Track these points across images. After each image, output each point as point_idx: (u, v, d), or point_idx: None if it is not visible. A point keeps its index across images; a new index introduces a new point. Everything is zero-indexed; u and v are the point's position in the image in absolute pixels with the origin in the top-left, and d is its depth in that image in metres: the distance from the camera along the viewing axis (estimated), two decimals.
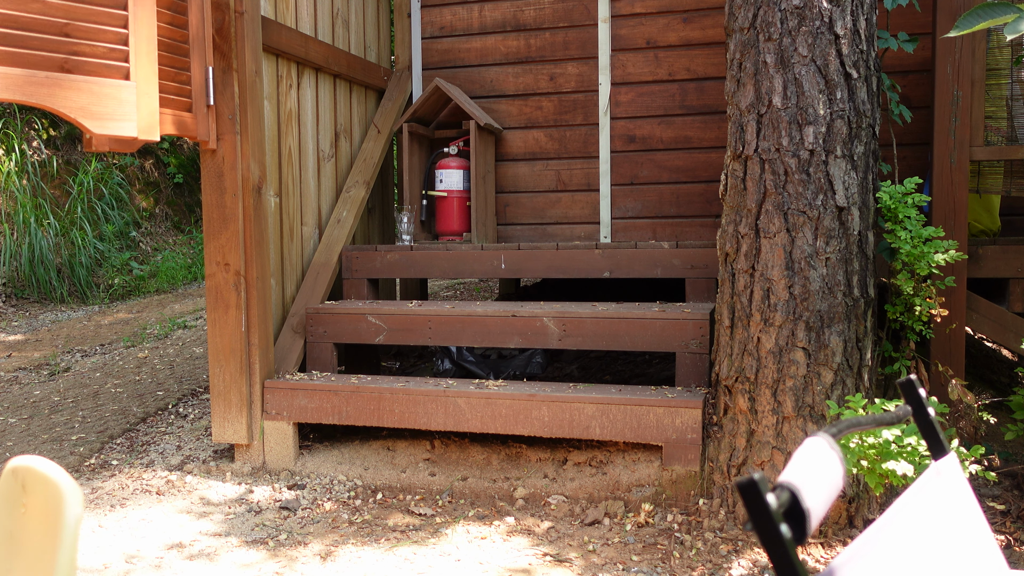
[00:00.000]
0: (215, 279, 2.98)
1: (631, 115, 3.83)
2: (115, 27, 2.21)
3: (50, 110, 2.10)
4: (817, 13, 2.35)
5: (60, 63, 2.10)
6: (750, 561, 2.32)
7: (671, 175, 3.79)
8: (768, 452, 2.44)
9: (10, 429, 3.60)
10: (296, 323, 3.31)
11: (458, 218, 3.87)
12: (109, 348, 4.97)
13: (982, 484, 2.61)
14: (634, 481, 2.70)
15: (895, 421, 1.07)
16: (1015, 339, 2.82)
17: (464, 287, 6.28)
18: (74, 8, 2.13)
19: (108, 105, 2.20)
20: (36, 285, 6.31)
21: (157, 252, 7.37)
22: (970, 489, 1.10)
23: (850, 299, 2.41)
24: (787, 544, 0.75)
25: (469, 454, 2.96)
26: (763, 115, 2.40)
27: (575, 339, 2.99)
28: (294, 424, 3.04)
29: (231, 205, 2.93)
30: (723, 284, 2.58)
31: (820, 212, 2.37)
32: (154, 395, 3.88)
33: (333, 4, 3.75)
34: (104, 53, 2.20)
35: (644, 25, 3.79)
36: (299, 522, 2.68)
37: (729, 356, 2.53)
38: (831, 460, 0.87)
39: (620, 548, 2.43)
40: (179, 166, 8.14)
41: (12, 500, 0.98)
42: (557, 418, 2.75)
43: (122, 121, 2.23)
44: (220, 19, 2.88)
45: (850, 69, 2.37)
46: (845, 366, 2.41)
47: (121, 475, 3.04)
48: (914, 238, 2.50)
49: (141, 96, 2.27)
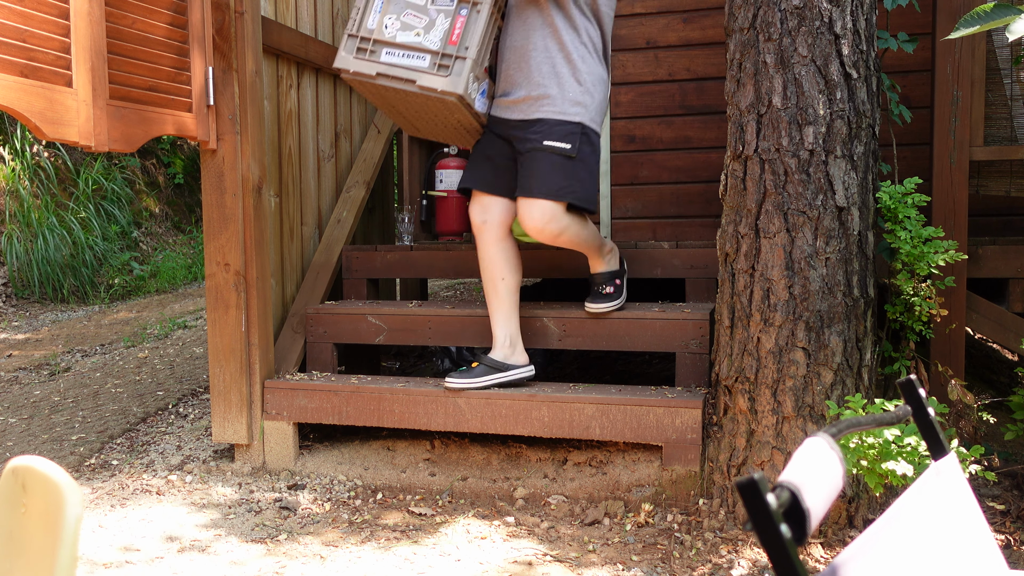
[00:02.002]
0: (215, 279, 2.98)
1: (631, 115, 3.83)
2: (59, 35, 2.26)
3: (12, 113, 2.14)
4: (817, 13, 2.35)
5: (21, 68, 2.15)
6: (750, 561, 2.32)
7: (671, 175, 3.79)
8: (768, 452, 2.44)
9: (10, 429, 3.60)
10: (296, 323, 3.31)
11: (458, 218, 3.87)
12: (109, 348, 4.97)
13: (982, 484, 2.61)
14: (634, 481, 2.70)
15: (895, 421, 1.07)
16: (1015, 339, 2.82)
17: (464, 287, 6.28)
18: (30, 16, 2.17)
19: (58, 111, 2.25)
20: (37, 285, 6.32)
21: (157, 252, 7.37)
22: (970, 489, 1.10)
23: (850, 299, 2.41)
24: (787, 544, 0.75)
25: (469, 454, 2.96)
26: (763, 115, 2.41)
27: (575, 339, 3.00)
28: (294, 424, 3.04)
29: (231, 205, 2.93)
30: (723, 284, 2.58)
31: (820, 212, 2.37)
32: (154, 395, 3.88)
33: (333, 4, 3.75)
34: (53, 60, 2.24)
35: (644, 25, 3.79)
36: (299, 522, 2.68)
37: (729, 356, 2.54)
38: (831, 460, 0.87)
39: (620, 548, 2.43)
40: (180, 166, 8.15)
41: (12, 500, 0.98)
42: (557, 418, 2.75)
43: (68, 127, 2.28)
44: (220, 19, 2.88)
45: (850, 69, 2.38)
46: (845, 366, 2.41)
47: (121, 475, 3.05)
48: (914, 238, 2.50)
49: (80, 103, 2.32)
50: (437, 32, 2.65)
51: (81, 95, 2.33)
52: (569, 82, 2.69)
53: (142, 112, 2.56)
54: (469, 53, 2.63)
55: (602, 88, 2.79)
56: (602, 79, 2.78)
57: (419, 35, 2.65)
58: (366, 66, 2.68)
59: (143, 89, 2.58)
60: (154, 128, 2.62)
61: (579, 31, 2.70)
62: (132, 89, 2.53)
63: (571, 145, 2.68)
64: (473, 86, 2.69)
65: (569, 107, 2.69)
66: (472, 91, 2.69)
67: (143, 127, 2.57)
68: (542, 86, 2.69)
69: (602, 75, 2.78)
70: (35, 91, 2.19)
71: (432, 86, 2.63)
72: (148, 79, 2.60)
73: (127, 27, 2.51)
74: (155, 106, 2.62)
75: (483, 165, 2.85)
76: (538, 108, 2.70)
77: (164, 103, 2.66)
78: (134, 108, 2.53)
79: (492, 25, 2.72)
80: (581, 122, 2.70)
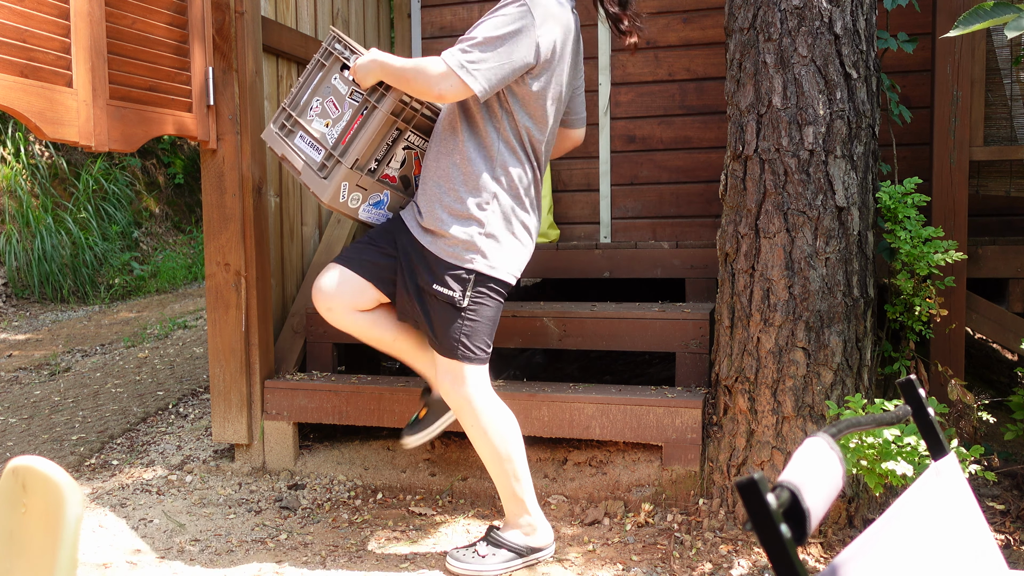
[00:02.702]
0: (215, 279, 2.98)
1: (631, 115, 3.83)
2: (59, 35, 2.26)
3: (12, 113, 2.15)
4: (817, 13, 2.35)
5: (21, 68, 2.16)
6: (750, 561, 2.32)
7: (671, 175, 3.79)
8: (768, 452, 2.44)
9: (10, 429, 3.60)
10: (296, 323, 3.31)
11: None
12: (109, 348, 4.97)
13: (982, 484, 2.61)
14: (634, 481, 2.71)
15: (895, 421, 1.07)
16: (1015, 339, 2.82)
17: None
18: (30, 16, 2.18)
19: (58, 111, 2.25)
20: (37, 285, 6.32)
21: (158, 252, 7.37)
22: (970, 489, 1.10)
23: (850, 299, 2.41)
24: (787, 544, 0.75)
25: (469, 454, 2.96)
26: (763, 115, 2.41)
27: (575, 339, 3.00)
28: (294, 424, 3.04)
29: (231, 205, 2.93)
30: (723, 284, 2.58)
31: (820, 212, 2.37)
32: (154, 395, 3.88)
33: (333, 4, 3.75)
34: (53, 60, 2.25)
35: (644, 25, 3.79)
36: (299, 522, 2.68)
37: (729, 356, 2.54)
38: (831, 460, 0.87)
39: (620, 548, 2.43)
40: (180, 166, 8.15)
41: (12, 500, 0.98)
42: (557, 418, 2.75)
43: (68, 127, 2.29)
44: (220, 19, 2.88)
45: (850, 69, 2.38)
46: (845, 366, 2.41)
47: (121, 475, 3.05)
48: (914, 238, 2.50)
49: (80, 103, 2.32)
50: (339, 127, 2.41)
51: (81, 95, 2.34)
52: (464, 217, 2.24)
53: (142, 112, 2.56)
54: (346, 160, 2.36)
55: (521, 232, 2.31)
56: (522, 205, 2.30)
57: (328, 126, 2.43)
58: (279, 145, 2.52)
59: (143, 89, 2.58)
60: (154, 128, 2.62)
61: (494, 148, 2.24)
62: (132, 89, 2.53)
63: (458, 292, 2.25)
64: (352, 196, 2.40)
65: (462, 251, 2.24)
66: (351, 200, 2.41)
67: (143, 127, 2.57)
68: (438, 219, 2.26)
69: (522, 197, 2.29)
70: (35, 91, 2.19)
71: (307, 183, 2.43)
72: (148, 79, 2.60)
73: (127, 27, 2.52)
74: (155, 106, 2.62)
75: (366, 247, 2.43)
76: (433, 241, 2.27)
77: (164, 103, 2.66)
78: (134, 108, 2.53)
79: (389, 131, 2.39)
80: (476, 269, 2.24)
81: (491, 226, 2.24)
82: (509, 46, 2.13)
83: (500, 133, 2.24)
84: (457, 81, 2.11)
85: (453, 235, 2.23)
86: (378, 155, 2.42)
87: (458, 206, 2.23)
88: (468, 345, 2.27)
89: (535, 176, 2.33)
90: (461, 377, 2.29)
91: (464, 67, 2.11)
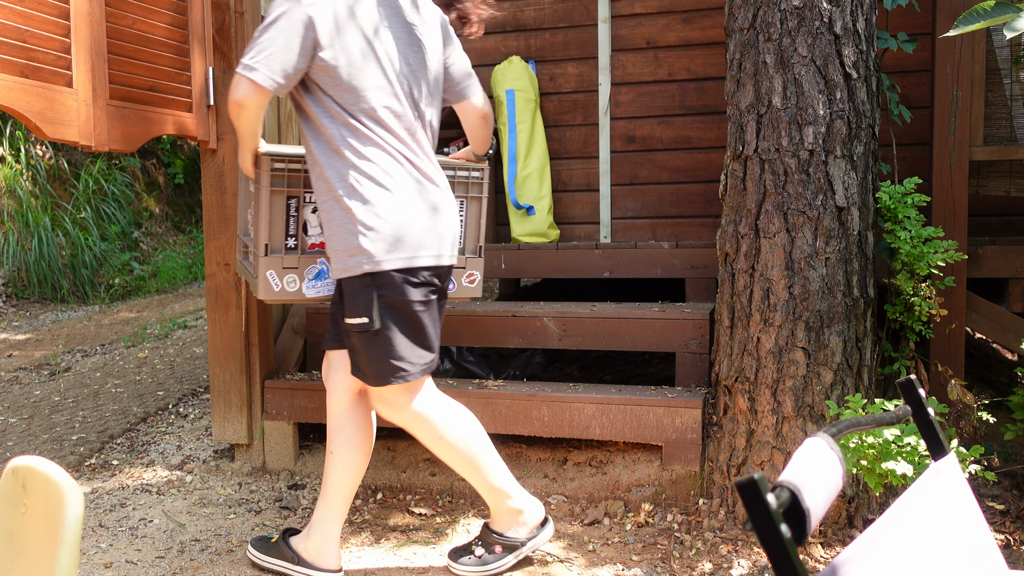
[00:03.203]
0: (215, 279, 2.98)
1: (631, 115, 3.83)
2: (59, 35, 2.27)
3: (12, 113, 2.15)
4: (817, 13, 2.35)
5: (21, 68, 2.16)
6: (750, 561, 2.32)
7: (671, 175, 3.80)
8: (768, 452, 2.44)
9: (10, 429, 3.60)
10: (296, 323, 3.31)
11: None
12: (110, 348, 4.97)
13: (982, 484, 2.61)
14: (634, 481, 2.71)
15: (895, 421, 1.07)
16: (1015, 339, 2.82)
17: None
18: (30, 16, 2.18)
19: (58, 111, 2.26)
20: (37, 285, 6.32)
21: (158, 252, 7.37)
22: (969, 489, 1.10)
23: (850, 299, 2.41)
24: (787, 544, 0.75)
25: None
26: (763, 115, 2.41)
27: (575, 339, 3.00)
28: (294, 424, 3.04)
29: (231, 205, 2.93)
30: (723, 284, 2.58)
31: (820, 212, 2.37)
32: (154, 395, 3.88)
33: None
34: (53, 60, 2.25)
35: (644, 25, 3.79)
36: (299, 522, 2.68)
37: (729, 356, 2.54)
38: (831, 460, 0.87)
39: (620, 548, 2.43)
40: (180, 166, 8.15)
41: (12, 500, 0.98)
42: (557, 418, 2.75)
43: (68, 127, 2.29)
44: (220, 19, 2.88)
45: (850, 69, 2.38)
46: (845, 366, 2.41)
47: (121, 475, 3.05)
48: (914, 238, 2.50)
49: (81, 104, 2.32)
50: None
51: (81, 95, 2.34)
52: (338, 223, 2.09)
53: (142, 112, 2.56)
54: (257, 249, 2.29)
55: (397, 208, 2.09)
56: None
57: (251, 228, 2.37)
58: (243, 272, 2.53)
59: (143, 89, 2.58)
60: (154, 128, 2.62)
61: (336, 138, 2.08)
62: (132, 89, 2.53)
63: (366, 318, 2.08)
64: (287, 280, 2.28)
65: (347, 258, 2.08)
66: (288, 285, 2.29)
67: (143, 127, 2.57)
68: (327, 241, 2.14)
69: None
70: (35, 91, 2.19)
71: (252, 291, 2.35)
72: (148, 79, 2.60)
73: (127, 27, 2.52)
74: (155, 106, 2.62)
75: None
76: (333, 268, 2.14)
77: (164, 103, 2.66)
78: (134, 108, 2.53)
79: (282, 203, 2.28)
80: (366, 271, 2.06)
81: (362, 218, 2.05)
82: (277, 30, 2.03)
83: (336, 118, 2.08)
84: (243, 81, 2.04)
85: (336, 247, 2.09)
86: (290, 230, 2.30)
87: (332, 214, 2.09)
88: (399, 366, 2.10)
89: (410, 148, 2.14)
90: (401, 400, 2.17)
91: (245, 66, 2.05)
